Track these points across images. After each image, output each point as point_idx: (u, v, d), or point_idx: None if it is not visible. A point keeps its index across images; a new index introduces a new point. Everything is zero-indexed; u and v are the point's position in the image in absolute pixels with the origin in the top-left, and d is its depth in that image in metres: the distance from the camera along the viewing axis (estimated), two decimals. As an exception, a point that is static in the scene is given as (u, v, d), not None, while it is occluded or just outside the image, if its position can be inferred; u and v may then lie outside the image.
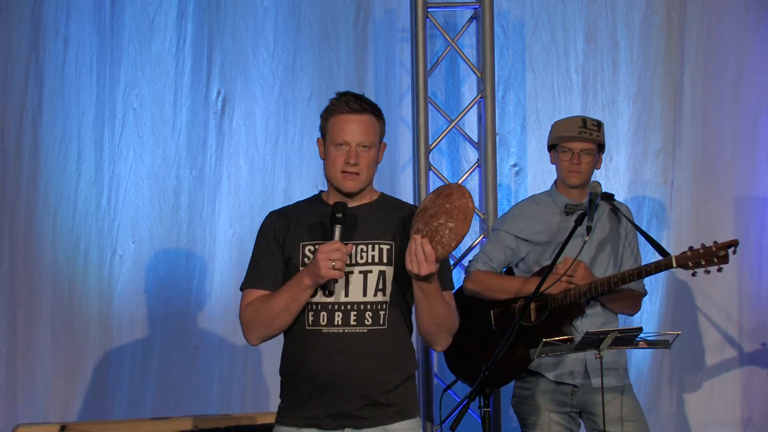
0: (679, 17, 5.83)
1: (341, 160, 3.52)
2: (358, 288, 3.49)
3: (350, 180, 3.53)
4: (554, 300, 4.59)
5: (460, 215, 3.32)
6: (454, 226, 3.33)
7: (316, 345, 3.48)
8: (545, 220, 4.75)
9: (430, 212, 3.36)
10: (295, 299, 3.46)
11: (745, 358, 5.73)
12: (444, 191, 3.38)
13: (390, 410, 3.52)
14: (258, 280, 3.57)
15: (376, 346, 3.49)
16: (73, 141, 5.56)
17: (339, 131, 3.52)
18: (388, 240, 3.53)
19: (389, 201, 3.66)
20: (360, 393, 3.47)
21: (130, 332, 5.54)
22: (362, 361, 3.47)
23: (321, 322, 3.49)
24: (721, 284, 5.69)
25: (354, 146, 3.51)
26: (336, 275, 3.39)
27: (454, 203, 3.33)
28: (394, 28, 5.82)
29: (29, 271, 5.49)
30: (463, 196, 3.34)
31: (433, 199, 3.38)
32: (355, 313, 3.49)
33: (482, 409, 4.28)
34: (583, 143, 4.68)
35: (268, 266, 3.56)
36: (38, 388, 5.45)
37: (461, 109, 5.76)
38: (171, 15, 5.65)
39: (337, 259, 3.37)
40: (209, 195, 5.63)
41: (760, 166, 5.79)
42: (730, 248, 4.37)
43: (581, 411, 4.68)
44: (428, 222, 3.35)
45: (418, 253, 3.33)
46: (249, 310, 3.55)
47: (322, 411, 3.48)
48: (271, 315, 3.49)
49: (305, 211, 3.60)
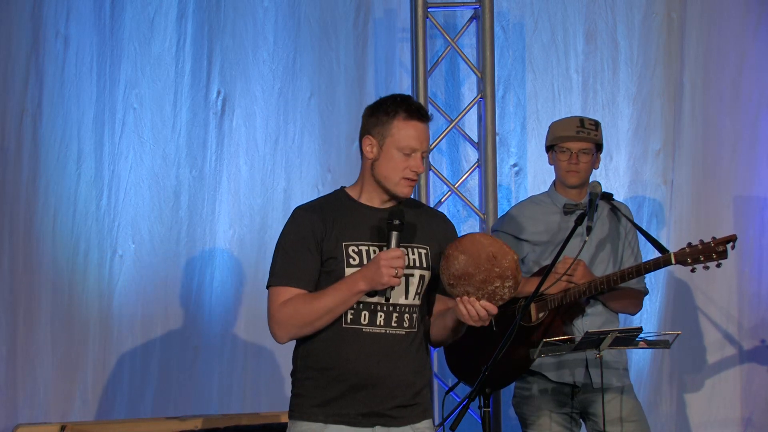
0: (679, 17, 5.83)
1: (405, 166, 3.51)
2: (400, 290, 3.50)
3: (409, 187, 3.54)
4: (554, 300, 4.59)
5: (515, 272, 3.39)
6: (512, 284, 3.40)
7: (355, 343, 3.48)
8: (544, 220, 4.75)
9: (478, 278, 3.39)
10: (345, 302, 3.44)
11: (745, 358, 5.73)
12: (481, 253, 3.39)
13: (417, 409, 3.55)
14: (295, 278, 3.50)
15: (411, 349, 3.53)
16: (73, 141, 5.56)
17: (409, 136, 3.50)
18: (423, 243, 3.56)
19: (410, 202, 3.66)
20: (393, 393, 3.49)
21: (130, 332, 5.54)
22: (400, 363, 3.50)
23: (362, 321, 3.48)
24: (721, 284, 5.69)
25: (420, 154, 3.52)
26: (396, 282, 3.41)
27: (503, 264, 3.38)
28: (394, 28, 5.82)
29: (29, 271, 5.49)
30: (506, 253, 3.39)
31: (473, 263, 3.40)
32: (397, 314, 3.50)
33: (482, 409, 4.28)
34: (581, 143, 4.68)
35: (305, 265, 3.51)
36: (38, 388, 5.45)
37: (461, 109, 5.76)
38: (171, 15, 5.65)
39: (399, 267, 3.39)
40: (209, 195, 5.62)
41: (760, 166, 5.78)
42: (728, 243, 4.38)
43: (582, 411, 4.68)
44: (481, 287, 3.40)
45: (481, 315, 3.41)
46: (286, 309, 3.48)
47: (355, 409, 3.48)
48: (314, 315, 3.45)
49: (339, 209, 3.58)
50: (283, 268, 3.52)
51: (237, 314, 5.58)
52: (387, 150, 3.51)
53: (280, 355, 5.41)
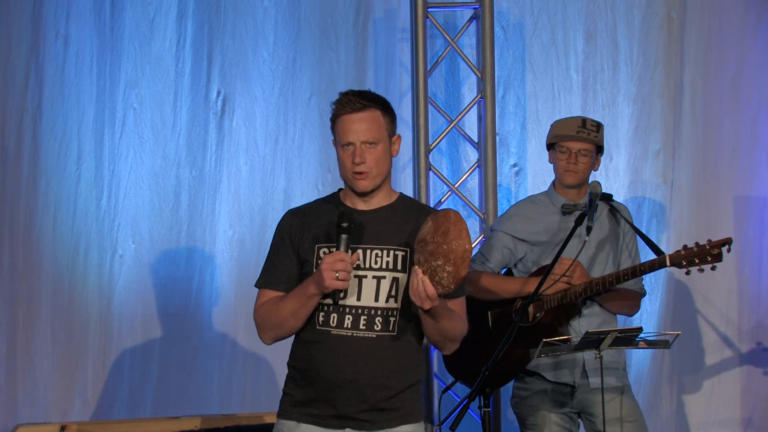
0: (679, 17, 5.83)
1: (349, 161, 3.49)
2: (370, 293, 3.47)
3: (361, 180, 3.50)
4: (551, 300, 4.59)
5: (458, 259, 3.28)
6: (452, 271, 3.28)
7: (324, 345, 3.47)
8: (543, 220, 4.75)
9: (429, 248, 3.31)
10: (302, 306, 3.45)
11: (745, 358, 5.73)
12: (441, 225, 3.32)
13: (393, 414, 3.50)
14: (272, 280, 3.56)
15: (384, 353, 3.47)
16: (73, 141, 5.56)
17: (343, 132, 3.50)
18: (403, 246, 3.51)
19: (408, 203, 3.63)
20: (362, 397, 3.46)
21: (130, 332, 5.54)
22: (367, 367, 3.46)
23: (331, 323, 3.47)
24: (721, 284, 5.69)
25: (359, 145, 3.48)
26: (340, 286, 3.38)
27: (451, 245, 3.28)
28: (394, 28, 5.82)
29: (29, 271, 5.49)
30: (459, 236, 3.29)
31: (432, 232, 3.33)
32: (365, 317, 3.47)
33: (482, 409, 4.28)
34: (581, 143, 4.67)
35: (282, 267, 3.55)
36: (38, 388, 5.45)
37: (461, 109, 5.76)
38: (171, 15, 5.65)
39: (341, 270, 3.35)
40: (209, 195, 5.63)
41: (760, 166, 5.78)
42: (723, 246, 4.37)
43: (580, 411, 4.68)
44: (428, 259, 3.31)
45: (419, 290, 3.32)
46: (261, 311, 3.55)
47: (326, 411, 3.48)
48: (280, 319, 3.49)
49: (322, 211, 3.58)
50: (265, 270, 3.59)
51: (237, 314, 5.58)
52: (337, 152, 3.54)
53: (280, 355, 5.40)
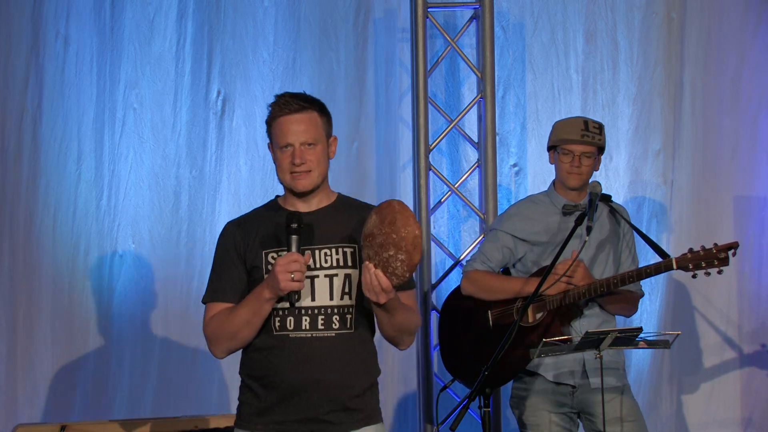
0: (679, 17, 5.83)
1: (288, 162, 3.48)
2: (324, 292, 3.47)
3: (300, 179, 3.49)
4: (553, 301, 4.59)
5: (409, 246, 3.26)
6: (405, 258, 3.27)
7: (284, 350, 3.45)
8: (543, 220, 4.75)
9: (377, 240, 3.30)
10: (257, 313, 3.43)
11: (745, 359, 5.73)
12: (387, 216, 3.30)
13: (357, 415, 3.50)
14: (220, 292, 3.53)
15: (344, 351, 3.47)
16: (73, 141, 5.56)
17: (281, 134, 3.49)
18: (350, 242, 3.50)
19: (348, 202, 3.63)
20: (329, 398, 3.45)
21: (130, 332, 5.54)
22: (331, 366, 3.45)
23: (288, 326, 3.46)
24: (721, 284, 5.68)
25: (298, 146, 3.47)
26: (296, 287, 3.37)
27: (400, 233, 3.26)
28: (394, 28, 5.82)
29: (29, 271, 5.49)
30: (408, 224, 3.27)
31: (378, 224, 3.31)
32: (323, 317, 3.46)
33: (482, 409, 4.28)
34: (584, 146, 4.67)
35: (230, 278, 3.53)
36: (38, 388, 5.46)
37: (461, 109, 5.76)
38: (171, 15, 5.65)
39: (296, 271, 3.35)
40: (209, 195, 5.63)
41: (760, 166, 5.78)
42: (730, 250, 4.36)
43: (580, 411, 4.68)
44: (378, 252, 3.30)
45: (374, 284, 3.31)
46: (212, 324, 3.52)
47: (290, 416, 3.46)
48: (234, 329, 3.46)
49: (264, 218, 3.56)
50: (211, 284, 3.57)
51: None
52: (275, 154, 3.53)
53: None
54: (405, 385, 5.74)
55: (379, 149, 5.78)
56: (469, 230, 5.81)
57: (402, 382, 5.74)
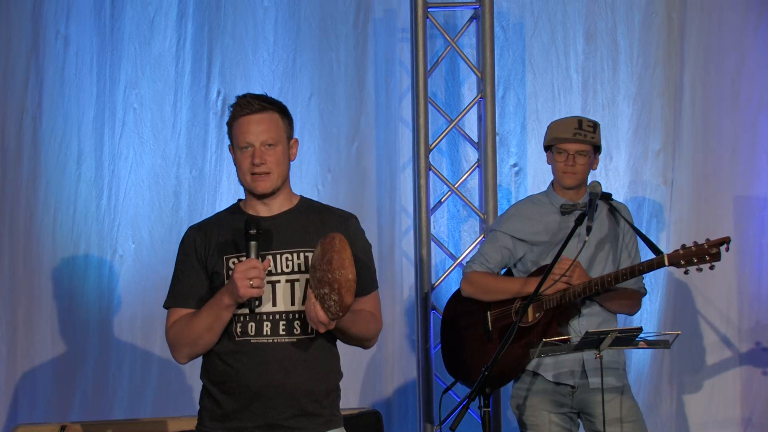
0: (679, 17, 5.82)
1: (248, 163, 3.46)
2: (285, 297, 3.44)
3: (260, 181, 3.47)
4: (551, 301, 4.59)
5: (342, 289, 3.26)
6: (337, 300, 3.27)
7: (245, 356, 3.42)
8: (542, 220, 4.75)
9: (317, 275, 3.30)
10: (218, 318, 3.40)
11: (745, 358, 5.73)
12: (327, 252, 3.29)
13: (318, 420, 3.47)
14: (181, 298, 3.50)
15: (306, 356, 3.45)
16: (73, 141, 5.56)
17: (241, 134, 3.46)
18: (312, 247, 3.46)
19: (310, 205, 3.60)
20: (290, 403, 3.43)
21: (130, 332, 5.54)
22: (292, 371, 3.42)
23: (249, 332, 3.43)
24: (721, 284, 5.69)
25: (258, 146, 3.45)
26: (255, 293, 3.34)
27: (335, 274, 3.26)
28: (394, 28, 5.82)
29: (29, 271, 5.49)
30: (342, 266, 3.27)
31: (320, 258, 3.31)
32: (284, 322, 3.44)
33: (482, 409, 4.28)
34: (578, 144, 4.67)
35: (190, 283, 3.50)
36: (38, 388, 5.45)
37: (461, 109, 5.76)
38: (171, 15, 5.65)
39: (255, 277, 3.32)
40: (209, 195, 5.63)
41: (760, 166, 5.78)
42: (722, 245, 4.36)
43: (579, 411, 4.68)
44: (317, 285, 3.30)
45: (311, 315, 3.31)
46: (173, 330, 3.49)
47: (252, 422, 3.43)
48: (194, 335, 3.44)
49: (225, 223, 3.54)
50: (172, 289, 3.54)
51: (237, 314, 5.57)
52: (235, 154, 3.50)
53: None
54: (405, 385, 5.74)
55: (379, 149, 5.78)
56: (469, 230, 5.81)
57: (402, 382, 5.74)
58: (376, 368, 5.70)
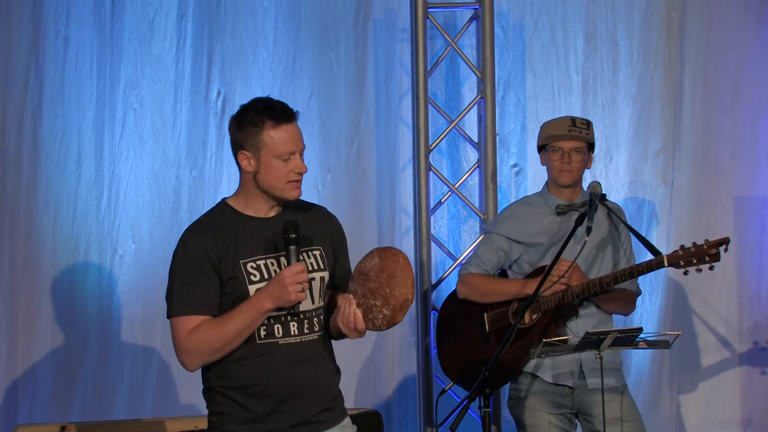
0: (679, 17, 5.82)
1: (287, 170, 3.45)
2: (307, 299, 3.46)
3: (297, 189, 3.49)
4: (549, 302, 4.58)
5: (398, 307, 3.28)
6: (389, 315, 3.29)
7: (274, 357, 3.44)
8: (538, 221, 4.75)
9: (370, 285, 3.31)
10: (253, 323, 3.39)
11: (744, 358, 5.73)
12: (389, 267, 3.31)
13: (336, 411, 3.55)
14: (197, 305, 3.45)
15: (325, 351, 3.53)
16: (73, 141, 5.56)
17: (283, 142, 3.44)
18: (317, 245, 3.53)
19: (298, 204, 3.60)
20: (318, 399, 3.48)
21: (130, 332, 5.55)
22: (319, 368, 3.49)
23: (276, 334, 3.44)
24: (721, 284, 5.69)
25: (299, 154, 3.48)
26: (303, 297, 3.38)
27: (395, 291, 3.27)
28: (394, 28, 5.82)
29: (29, 271, 5.49)
30: (405, 284, 3.28)
31: (377, 270, 3.32)
32: (307, 321, 3.48)
33: (482, 409, 4.28)
34: (573, 142, 4.67)
35: (206, 290, 3.46)
36: (38, 388, 5.46)
37: (461, 109, 5.76)
38: (171, 15, 5.65)
39: (304, 281, 3.36)
40: (209, 195, 5.62)
41: (760, 166, 5.78)
42: (721, 246, 4.37)
43: (578, 412, 4.68)
44: (366, 294, 3.31)
45: (349, 321, 3.34)
46: (195, 337, 3.43)
47: (285, 422, 3.45)
48: (223, 341, 3.40)
49: (228, 226, 3.50)
50: (184, 296, 3.48)
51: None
52: (266, 161, 3.45)
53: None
54: (405, 385, 5.74)
55: (379, 149, 5.78)
56: (469, 230, 5.81)
57: (402, 381, 5.74)
58: (376, 368, 5.70)
